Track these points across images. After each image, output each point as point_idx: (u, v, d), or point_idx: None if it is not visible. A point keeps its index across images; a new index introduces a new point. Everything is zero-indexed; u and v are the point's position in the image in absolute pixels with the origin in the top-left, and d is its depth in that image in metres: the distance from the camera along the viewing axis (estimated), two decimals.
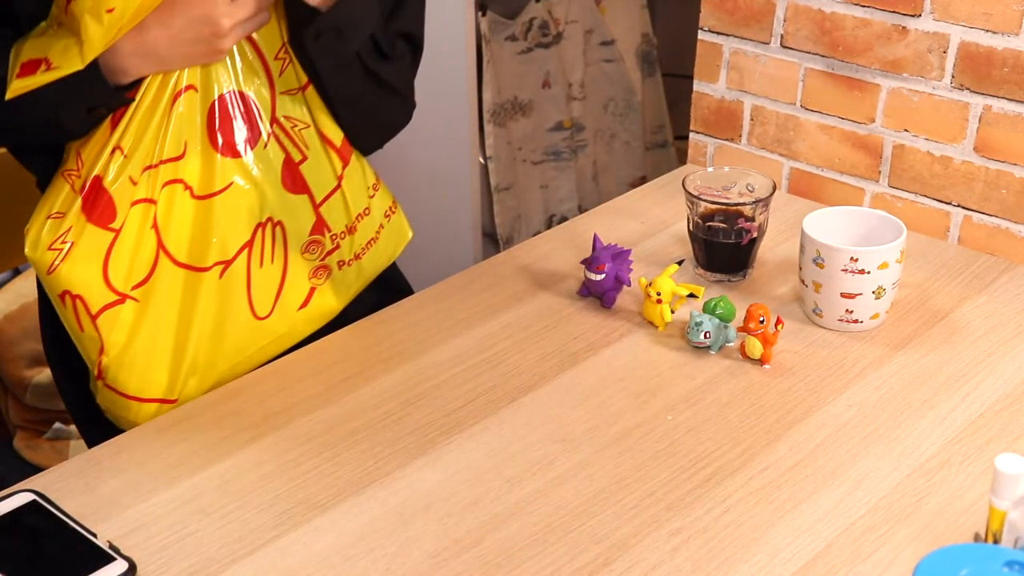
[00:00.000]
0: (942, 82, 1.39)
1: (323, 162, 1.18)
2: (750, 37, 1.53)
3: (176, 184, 1.11)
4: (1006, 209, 1.39)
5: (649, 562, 0.95)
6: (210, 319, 1.16)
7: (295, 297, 1.21)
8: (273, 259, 1.17)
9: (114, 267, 1.10)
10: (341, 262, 1.23)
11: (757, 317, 1.18)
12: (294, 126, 1.16)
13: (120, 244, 1.10)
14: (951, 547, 0.81)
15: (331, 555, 0.96)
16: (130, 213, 1.10)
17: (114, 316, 1.12)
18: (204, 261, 1.14)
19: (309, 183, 1.17)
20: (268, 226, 1.16)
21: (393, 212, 1.28)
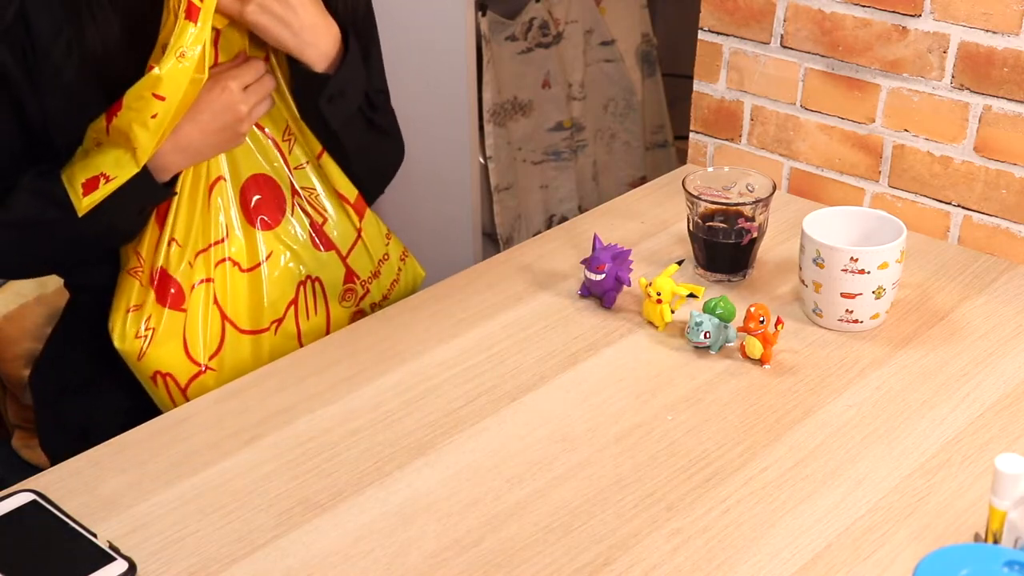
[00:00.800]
0: (942, 82, 1.39)
1: (342, 219, 1.32)
2: (750, 37, 1.53)
3: (225, 262, 1.25)
4: (1006, 209, 1.39)
5: (649, 562, 0.95)
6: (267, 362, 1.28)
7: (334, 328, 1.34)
8: (316, 311, 1.31)
9: (191, 343, 1.23)
10: (373, 304, 1.36)
11: (757, 317, 1.18)
12: (310, 194, 1.30)
13: (191, 322, 1.23)
14: (951, 547, 0.81)
15: (331, 555, 0.96)
16: (193, 294, 1.23)
17: (200, 386, 1.23)
18: (261, 324, 1.27)
19: (334, 240, 1.31)
20: (308, 283, 1.30)
21: (407, 256, 1.41)
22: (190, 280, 1.23)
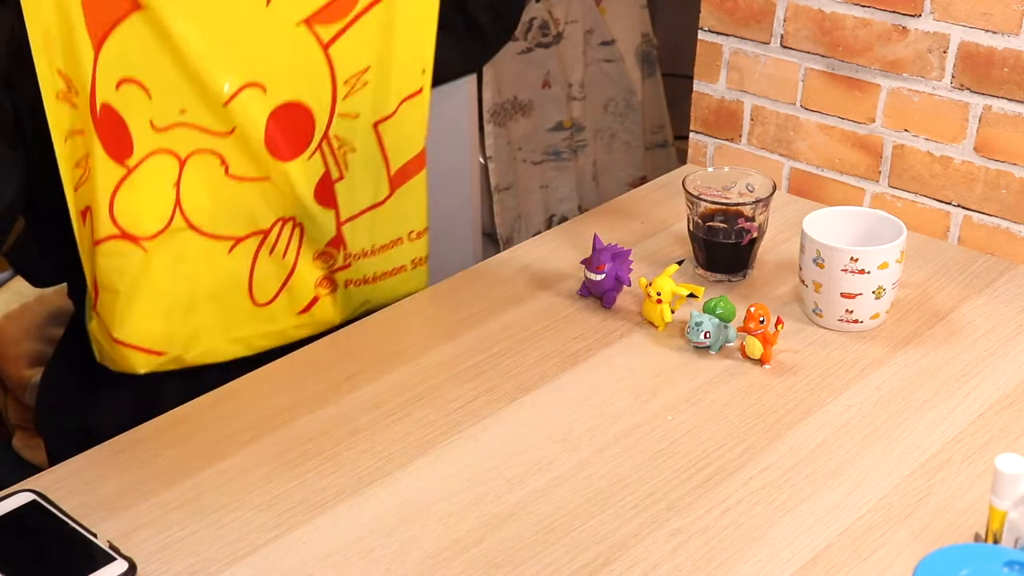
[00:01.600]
0: (942, 82, 1.39)
1: (360, 185, 1.24)
2: (750, 37, 1.53)
3: (213, 156, 1.15)
4: (1006, 209, 1.39)
5: (649, 562, 0.95)
6: (213, 286, 1.21)
7: (298, 298, 1.26)
8: (285, 254, 1.23)
9: (121, 207, 1.13)
10: (349, 281, 1.28)
11: (757, 317, 1.18)
12: (340, 146, 1.22)
13: (140, 180, 1.13)
14: (951, 547, 0.81)
15: (331, 555, 0.96)
16: (148, 160, 1.12)
17: (115, 251, 1.14)
18: (216, 231, 1.18)
19: (339, 200, 1.23)
20: (289, 224, 1.21)
21: (421, 264, 1.33)
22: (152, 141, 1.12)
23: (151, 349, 1.19)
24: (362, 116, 1.22)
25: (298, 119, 1.18)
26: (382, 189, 1.26)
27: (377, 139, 1.24)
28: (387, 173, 1.26)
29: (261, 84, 1.15)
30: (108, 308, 1.17)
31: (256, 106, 1.15)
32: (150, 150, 1.13)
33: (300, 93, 1.18)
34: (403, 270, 1.32)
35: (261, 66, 1.15)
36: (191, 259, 1.18)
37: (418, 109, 1.26)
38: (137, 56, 1.09)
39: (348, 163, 1.23)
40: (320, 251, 1.25)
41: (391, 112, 1.23)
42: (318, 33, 1.16)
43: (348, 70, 1.19)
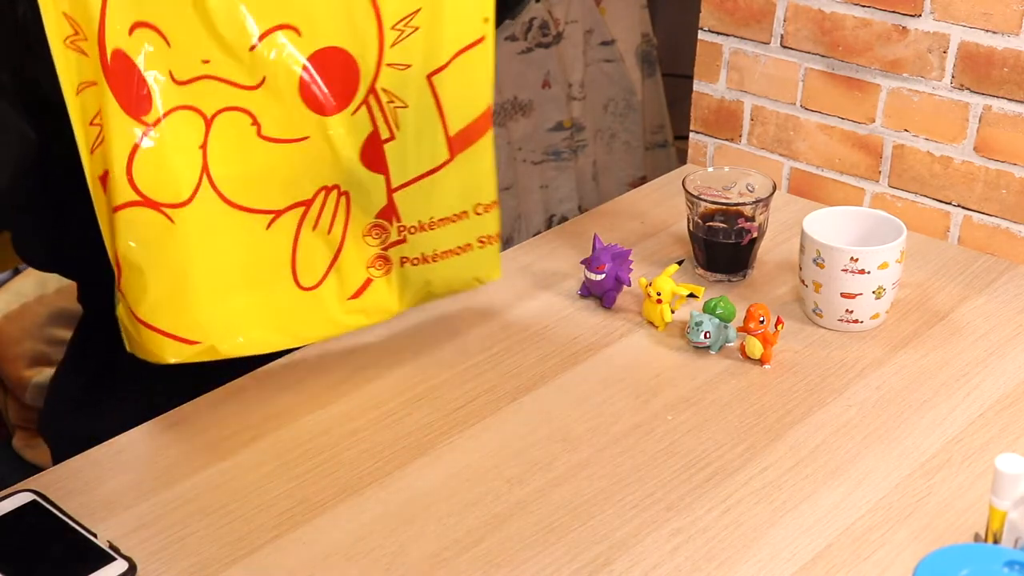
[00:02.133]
0: (942, 82, 1.39)
1: (413, 147, 1.10)
2: (750, 37, 1.53)
3: (242, 114, 1.04)
4: (1006, 209, 1.39)
5: (649, 562, 0.95)
6: (249, 267, 1.09)
7: (348, 281, 1.14)
8: (330, 229, 1.10)
9: (141, 169, 1.01)
10: (404, 259, 1.15)
11: (757, 317, 1.18)
12: (390, 101, 1.08)
13: (164, 145, 1.01)
14: (951, 547, 0.81)
15: (331, 555, 0.96)
16: (170, 117, 1.01)
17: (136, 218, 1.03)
18: (252, 203, 1.06)
19: (389, 164, 1.10)
20: (333, 193, 1.09)
21: (491, 243, 1.18)
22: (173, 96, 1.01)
23: (181, 336, 1.06)
24: (414, 67, 1.08)
25: (340, 67, 1.06)
26: (440, 152, 1.12)
27: (432, 93, 1.10)
28: (445, 134, 1.11)
29: (294, 26, 1.03)
30: (132, 286, 1.04)
31: (289, 51, 1.03)
32: (171, 106, 1.01)
33: (341, 37, 1.05)
34: (469, 249, 1.17)
35: (293, 4, 1.03)
36: (223, 234, 1.06)
37: (480, 61, 1.11)
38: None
39: (399, 121, 1.09)
40: (371, 224, 1.12)
41: (446, 62, 1.09)
42: None
43: (395, 12, 1.06)
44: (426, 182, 1.12)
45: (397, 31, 1.07)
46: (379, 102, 1.08)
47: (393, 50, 1.07)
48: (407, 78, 1.08)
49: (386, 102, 1.08)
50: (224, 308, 1.08)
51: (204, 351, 1.08)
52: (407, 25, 1.07)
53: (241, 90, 1.03)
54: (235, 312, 1.09)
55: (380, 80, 1.07)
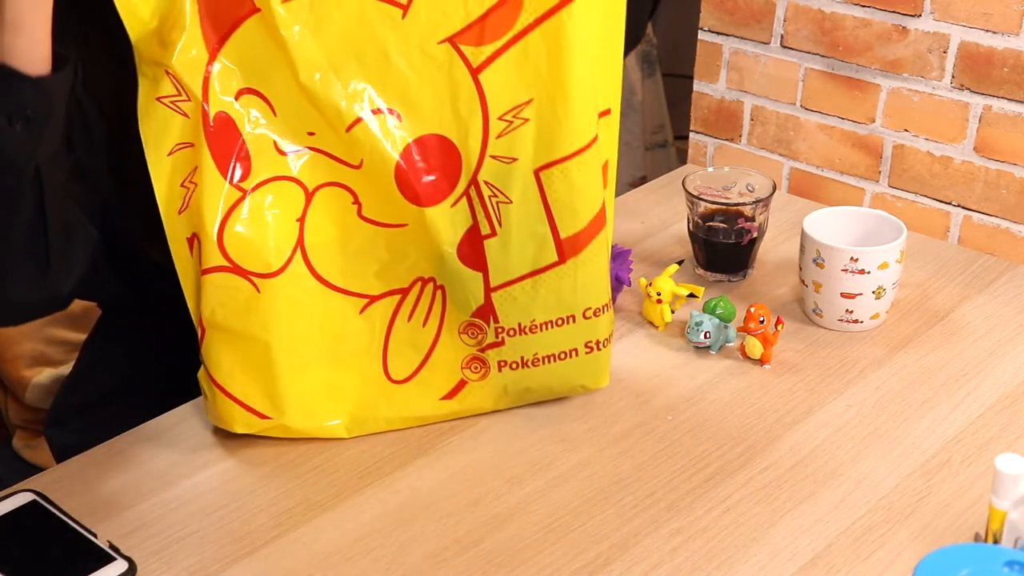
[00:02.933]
0: (942, 82, 1.39)
1: (517, 246, 1.02)
2: (750, 37, 1.53)
3: (344, 191, 1.00)
4: (1006, 209, 1.39)
5: (649, 562, 0.95)
6: (336, 350, 1.04)
7: (441, 381, 1.08)
8: (425, 322, 1.04)
9: (232, 235, 0.98)
10: (503, 363, 1.07)
11: (757, 317, 1.18)
12: (493, 195, 1.01)
13: (248, 214, 0.98)
14: (951, 547, 0.81)
15: (331, 555, 0.96)
16: (269, 186, 0.98)
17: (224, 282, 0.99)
18: (346, 284, 1.02)
19: (489, 261, 1.03)
20: (430, 285, 1.03)
21: (601, 348, 1.08)
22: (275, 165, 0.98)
23: (255, 408, 1.04)
24: (520, 161, 1.00)
25: (441, 156, 1.00)
26: (547, 254, 1.03)
27: (539, 190, 1.01)
28: (554, 236, 1.03)
29: (395, 111, 0.98)
30: (212, 350, 1.02)
31: (387, 137, 0.98)
32: (273, 175, 0.98)
33: (444, 125, 0.99)
34: (575, 354, 1.08)
35: (394, 89, 0.98)
36: (311, 311, 1.02)
37: (594, 159, 1.02)
38: (259, 64, 0.96)
39: (502, 217, 1.02)
40: (467, 322, 1.05)
41: (556, 159, 1.01)
42: (466, 55, 0.98)
43: (503, 103, 0.99)
44: (528, 283, 1.04)
45: (505, 122, 0.99)
46: (480, 195, 1.01)
47: (499, 141, 1.00)
48: (512, 172, 1.01)
49: (488, 196, 1.01)
50: (303, 387, 1.04)
51: (275, 427, 1.05)
52: (516, 116, 1.00)
53: (345, 167, 0.99)
54: (314, 393, 1.05)
55: (483, 172, 1.00)
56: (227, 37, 0.95)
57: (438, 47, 0.97)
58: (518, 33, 0.97)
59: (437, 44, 0.97)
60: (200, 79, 0.95)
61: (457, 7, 0.96)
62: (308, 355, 1.04)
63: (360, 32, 0.96)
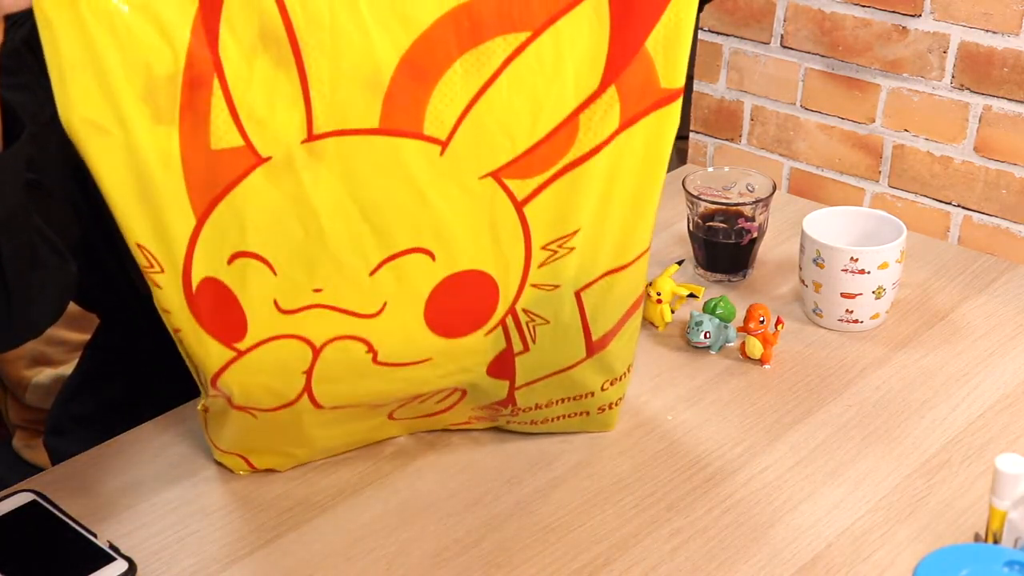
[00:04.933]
0: (942, 82, 1.39)
1: (549, 356, 1.00)
2: (750, 37, 1.53)
3: (357, 342, 0.93)
4: (1006, 209, 1.39)
5: (649, 562, 0.95)
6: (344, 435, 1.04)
7: (445, 422, 1.09)
8: (439, 403, 1.03)
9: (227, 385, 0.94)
10: (510, 420, 1.08)
11: (757, 317, 1.18)
12: (530, 320, 0.97)
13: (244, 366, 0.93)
14: (951, 547, 0.81)
15: (331, 555, 0.96)
16: (269, 345, 0.92)
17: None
18: (357, 405, 1.00)
19: (518, 371, 1.00)
20: (449, 390, 1.01)
21: (611, 408, 1.07)
22: (275, 325, 0.92)
23: (254, 464, 1.04)
24: (563, 286, 0.96)
25: (476, 290, 0.94)
26: (575, 353, 1.01)
27: (579, 308, 0.98)
28: (585, 339, 1.00)
29: (428, 250, 0.91)
30: (213, 425, 1.02)
31: (418, 276, 0.92)
32: (272, 334, 0.92)
33: (481, 260, 0.93)
34: (585, 415, 1.07)
35: (429, 228, 0.90)
36: (316, 424, 1.00)
37: (636, 273, 0.99)
38: (259, 223, 0.87)
39: (536, 335, 0.98)
40: (484, 406, 1.04)
41: (598, 276, 0.97)
42: (510, 188, 0.91)
43: (549, 233, 0.93)
44: (554, 379, 1.02)
45: (549, 251, 0.94)
46: (517, 322, 0.97)
47: (541, 271, 0.95)
48: (553, 297, 0.97)
49: (525, 322, 0.97)
50: (296, 448, 1.04)
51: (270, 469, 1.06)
52: (561, 246, 0.94)
53: (357, 318, 0.92)
54: (310, 447, 1.05)
55: (521, 301, 0.96)
56: (221, 198, 0.86)
57: (479, 182, 0.90)
58: (570, 163, 0.91)
59: (479, 179, 0.90)
60: (184, 247, 0.87)
61: (503, 140, 0.89)
62: (309, 441, 1.03)
63: (393, 173, 0.88)
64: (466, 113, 0.87)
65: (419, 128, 0.87)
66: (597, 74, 0.89)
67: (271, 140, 0.85)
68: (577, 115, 0.89)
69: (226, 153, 0.85)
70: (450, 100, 0.87)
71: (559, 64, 0.88)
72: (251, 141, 0.85)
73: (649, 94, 0.90)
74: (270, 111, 0.84)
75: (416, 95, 0.86)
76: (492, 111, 0.88)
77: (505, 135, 0.89)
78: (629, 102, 0.90)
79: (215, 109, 0.83)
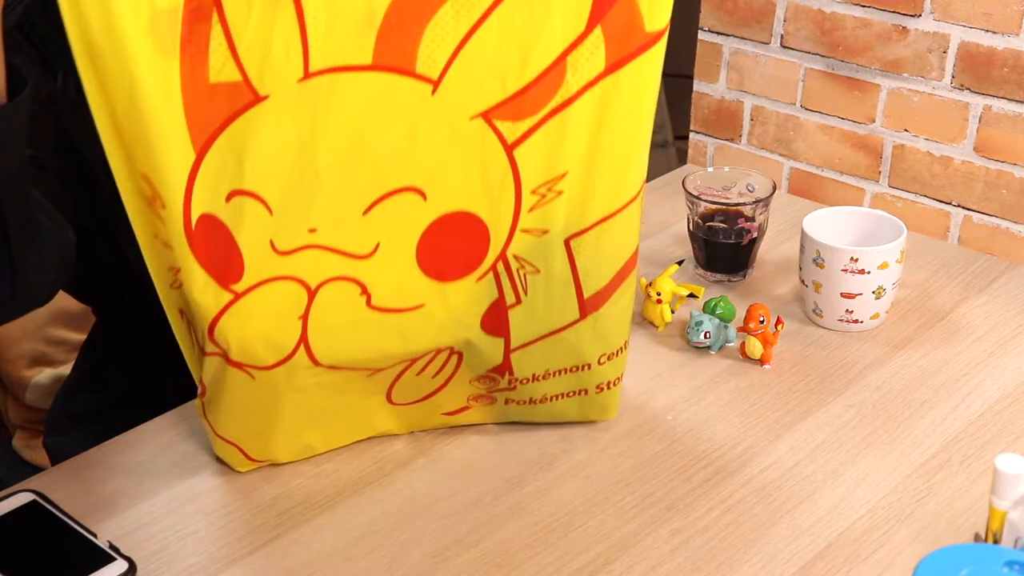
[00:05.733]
0: (942, 82, 1.39)
1: (542, 311, 0.99)
2: (750, 37, 1.53)
3: (351, 284, 0.94)
4: (1006, 209, 1.39)
5: (649, 562, 0.95)
6: (338, 408, 1.02)
7: (444, 405, 1.07)
8: (435, 376, 1.02)
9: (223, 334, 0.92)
10: (509, 400, 1.06)
11: (757, 317, 1.18)
12: (521, 267, 0.98)
13: (241, 311, 0.92)
14: (951, 547, 0.81)
15: (331, 555, 0.96)
16: (265, 287, 0.92)
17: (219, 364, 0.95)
18: (353, 364, 0.98)
19: (512, 328, 1.00)
20: (445, 352, 1.00)
21: (610, 388, 1.07)
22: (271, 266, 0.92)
23: (253, 457, 1.03)
24: (552, 232, 0.97)
25: (467, 233, 0.95)
26: (569, 313, 1.01)
27: (568, 258, 0.98)
28: (578, 297, 1.00)
29: (419, 189, 0.92)
30: (213, 410, 1.00)
31: (410, 216, 0.93)
32: (268, 276, 0.92)
33: (471, 202, 0.94)
34: (583, 394, 1.06)
35: (420, 167, 0.92)
36: (312, 390, 0.98)
37: (627, 222, 0.99)
38: (255, 161, 0.88)
39: (528, 286, 0.98)
40: (480, 375, 1.03)
41: (588, 226, 0.98)
42: (500, 130, 0.93)
43: (538, 176, 0.95)
44: (549, 341, 1.01)
45: (538, 195, 0.95)
46: (508, 269, 0.97)
47: (531, 215, 0.96)
48: (543, 244, 0.97)
49: (516, 268, 0.98)
50: (297, 433, 1.03)
51: (274, 461, 1.05)
52: (550, 190, 0.96)
53: (351, 259, 0.93)
54: (310, 434, 1.04)
55: (512, 247, 0.97)
56: (219, 133, 0.87)
57: (470, 123, 0.92)
58: (558, 106, 0.93)
59: (469, 120, 0.92)
60: (184, 181, 0.87)
61: (493, 82, 0.91)
62: (307, 420, 1.02)
63: (386, 111, 0.89)
64: (457, 53, 0.89)
65: (411, 66, 0.89)
66: (583, 16, 0.91)
67: (268, 77, 0.86)
68: (565, 57, 0.92)
69: (224, 87, 0.86)
70: (441, 39, 0.89)
71: (547, 5, 0.90)
72: (248, 77, 0.86)
73: (634, 37, 0.92)
74: (267, 48, 0.85)
75: (409, 32, 0.88)
76: (482, 52, 0.90)
77: (495, 76, 0.91)
78: (614, 44, 0.92)
79: (214, 43, 0.85)
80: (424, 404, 1.06)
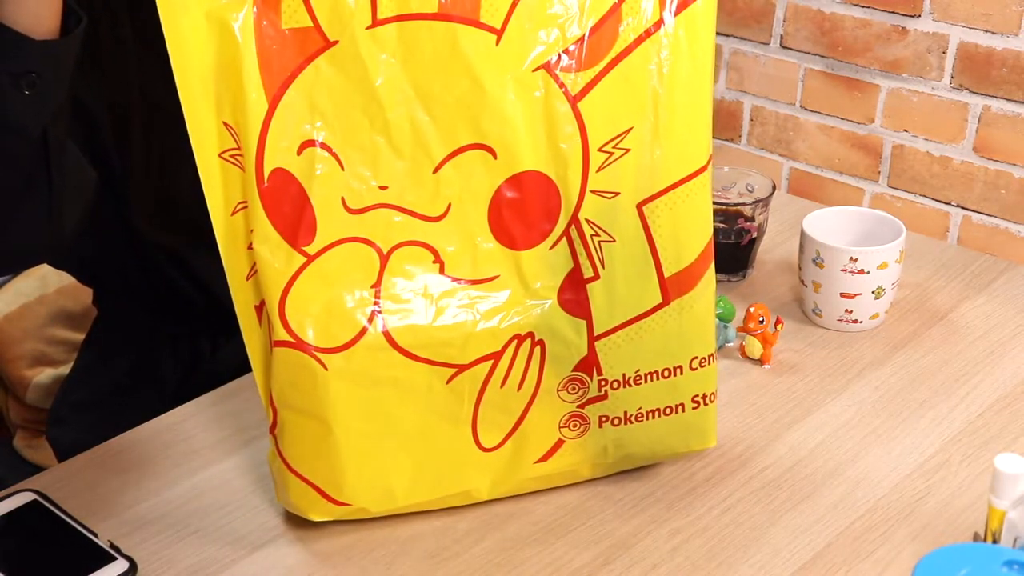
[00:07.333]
0: (942, 82, 1.39)
1: (622, 288, 0.94)
2: (750, 37, 1.53)
3: (424, 250, 0.91)
4: (1005, 209, 1.39)
5: (649, 562, 0.95)
6: (419, 423, 0.93)
7: (535, 443, 0.98)
8: (521, 385, 0.94)
9: (296, 306, 0.88)
10: (604, 418, 0.98)
11: (757, 317, 1.18)
12: (595, 234, 0.93)
13: (314, 275, 0.89)
14: (950, 547, 0.81)
15: (331, 555, 0.96)
16: (337, 249, 0.89)
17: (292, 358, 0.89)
18: (431, 355, 0.91)
19: (592, 307, 0.94)
20: (527, 342, 0.93)
21: (706, 404, 1.00)
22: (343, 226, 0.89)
23: (329, 494, 0.94)
24: (623, 195, 0.93)
25: (538, 194, 0.92)
26: (651, 295, 0.95)
27: (644, 226, 0.94)
28: (658, 275, 0.95)
29: (489, 147, 0.90)
30: (284, 431, 0.92)
31: (481, 175, 0.91)
32: (340, 236, 0.89)
33: (541, 161, 0.91)
34: (680, 410, 0.99)
35: (489, 122, 0.90)
36: (389, 386, 0.91)
37: (699, 193, 0.95)
38: (328, 110, 0.87)
39: (605, 258, 0.93)
40: (568, 377, 0.95)
41: (659, 191, 0.94)
42: (564, 83, 0.91)
43: (604, 133, 0.92)
44: (634, 329, 0.95)
45: (605, 153, 0.92)
46: (582, 235, 0.93)
47: (599, 175, 0.92)
48: (615, 208, 0.93)
49: (590, 235, 0.93)
50: (378, 469, 0.94)
51: (354, 512, 0.96)
52: (616, 147, 0.92)
53: (423, 222, 0.90)
54: (393, 472, 0.95)
55: (584, 210, 0.92)
56: (291, 81, 0.86)
57: (533, 75, 0.90)
58: (616, 56, 0.91)
59: (532, 72, 0.90)
60: (257, 132, 0.86)
61: (552, 28, 0.90)
62: (384, 434, 0.93)
63: (452, 61, 0.88)
64: (517, 2, 0.89)
65: (476, 15, 0.89)
66: None
67: (337, 23, 0.87)
68: (620, 5, 0.91)
69: (296, 33, 0.86)
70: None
71: None
72: (319, 22, 0.87)
73: None
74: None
75: None
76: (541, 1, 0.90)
77: (554, 25, 0.90)
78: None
79: None
80: (513, 445, 0.97)
